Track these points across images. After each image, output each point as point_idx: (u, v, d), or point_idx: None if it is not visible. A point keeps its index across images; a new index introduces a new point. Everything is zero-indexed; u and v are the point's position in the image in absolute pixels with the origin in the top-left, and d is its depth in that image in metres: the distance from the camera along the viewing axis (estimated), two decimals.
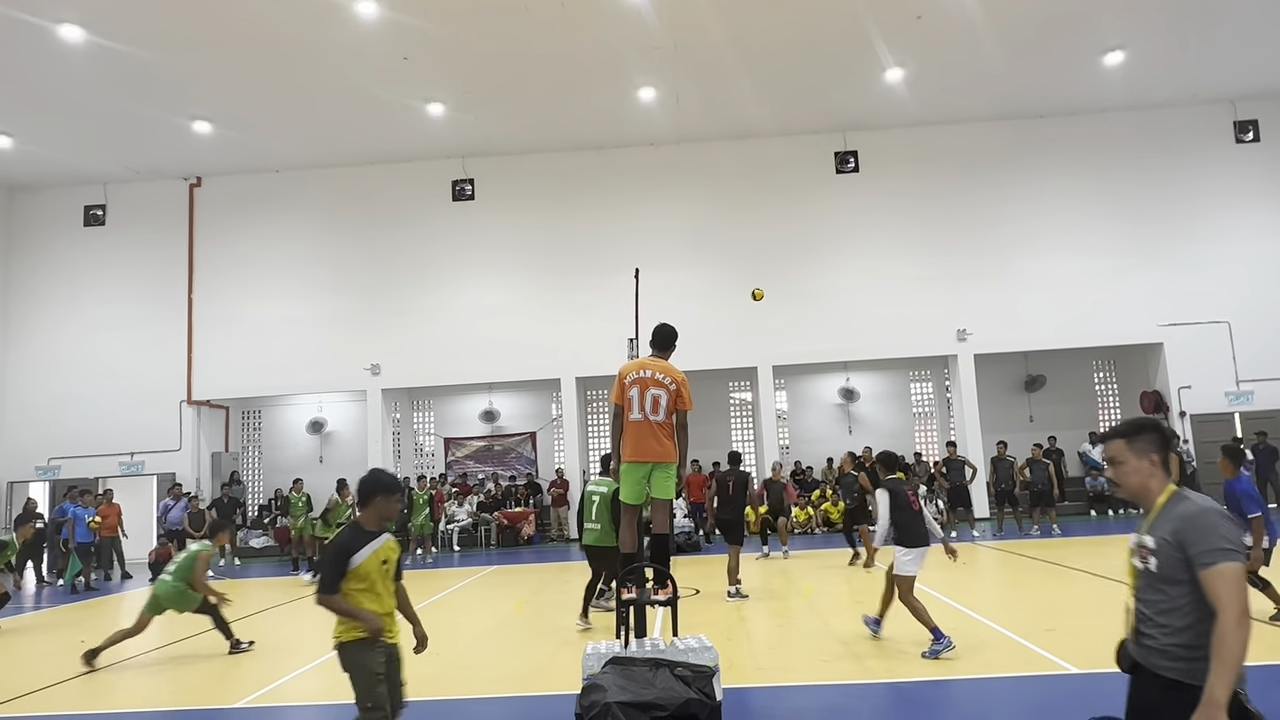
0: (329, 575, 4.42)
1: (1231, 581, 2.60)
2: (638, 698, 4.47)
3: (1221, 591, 2.60)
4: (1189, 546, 2.68)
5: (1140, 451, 2.90)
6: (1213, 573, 2.62)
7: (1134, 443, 2.92)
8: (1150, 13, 16.14)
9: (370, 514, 4.57)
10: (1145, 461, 2.89)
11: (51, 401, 20.90)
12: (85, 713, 7.14)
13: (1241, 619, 2.57)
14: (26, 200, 21.75)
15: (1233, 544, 2.63)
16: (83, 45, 15.01)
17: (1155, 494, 2.87)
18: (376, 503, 4.56)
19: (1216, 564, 2.61)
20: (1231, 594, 2.59)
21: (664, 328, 6.35)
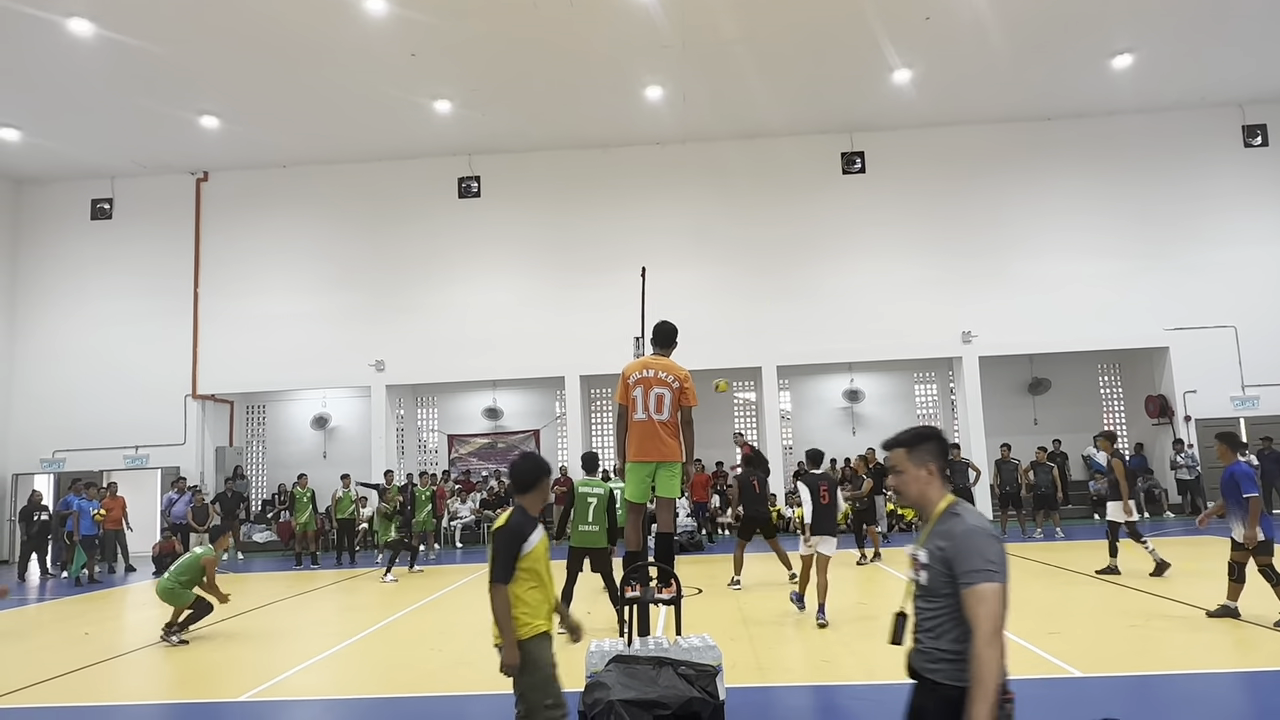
0: (504, 562, 4.16)
1: (986, 602, 2.67)
2: (641, 696, 4.48)
3: (978, 612, 2.67)
4: (954, 565, 2.75)
5: (919, 461, 2.96)
6: (972, 593, 2.69)
7: (914, 452, 2.97)
8: (1159, 16, 16.09)
9: (535, 498, 4.36)
10: (923, 471, 2.94)
11: (57, 394, 20.96)
12: (89, 705, 7.17)
13: (992, 639, 2.65)
14: (34, 193, 21.82)
15: (994, 565, 2.70)
16: (92, 39, 15.04)
17: (933, 503, 2.94)
18: (542, 485, 4.38)
19: (975, 584, 2.68)
20: (985, 614, 2.66)
21: (664, 325, 6.35)
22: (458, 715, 6.55)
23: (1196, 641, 7.57)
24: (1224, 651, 7.25)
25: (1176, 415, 19.59)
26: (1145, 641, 7.54)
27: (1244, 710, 5.97)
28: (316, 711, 6.74)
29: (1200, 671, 6.71)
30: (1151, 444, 20.61)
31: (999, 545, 2.75)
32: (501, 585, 4.13)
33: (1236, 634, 7.72)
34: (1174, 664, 6.90)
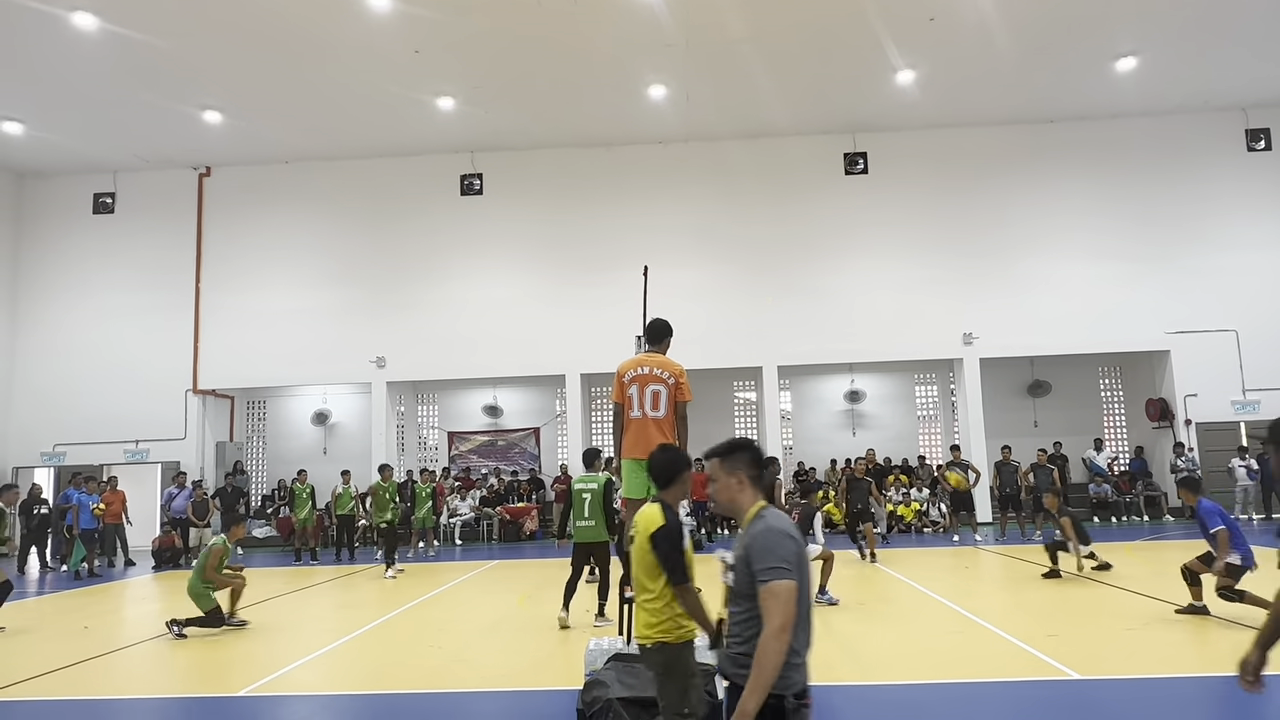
0: (678, 561, 3.99)
1: (777, 596, 2.75)
2: (639, 694, 4.49)
3: (768, 605, 2.76)
4: (752, 564, 2.83)
5: (731, 469, 3.07)
6: (765, 589, 2.77)
7: (726, 461, 3.09)
8: (1163, 19, 16.07)
9: (676, 492, 4.25)
10: (734, 479, 3.06)
11: (58, 388, 20.97)
12: (88, 698, 7.18)
13: (779, 633, 2.71)
14: (37, 187, 21.82)
15: (787, 564, 2.79)
16: (95, 33, 15.04)
17: (744, 509, 3.04)
18: (683, 479, 4.27)
19: (769, 581, 2.77)
20: (775, 608, 2.74)
21: (657, 322, 6.35)
22: (456, 712, 6.55)
23: (1195, 644, 7.57)
24: (1222, 655, 7.25)
25: (1177, 419, 19.58)
26: (1143, 644, 7.54)
27: (1243, 713, 5.97)
28: (315, 707, 6.75)
29: (1198, 675, 6.71)
30: (1152, 447, 20.61)
31: (795, 545, 2.85)
32: (686, 584, 3.98)
33: (1235, 637, 7.72)
34: (1173, 666, 6.90)
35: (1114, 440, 21.71)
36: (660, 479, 4.22)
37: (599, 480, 9.49)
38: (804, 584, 2.84)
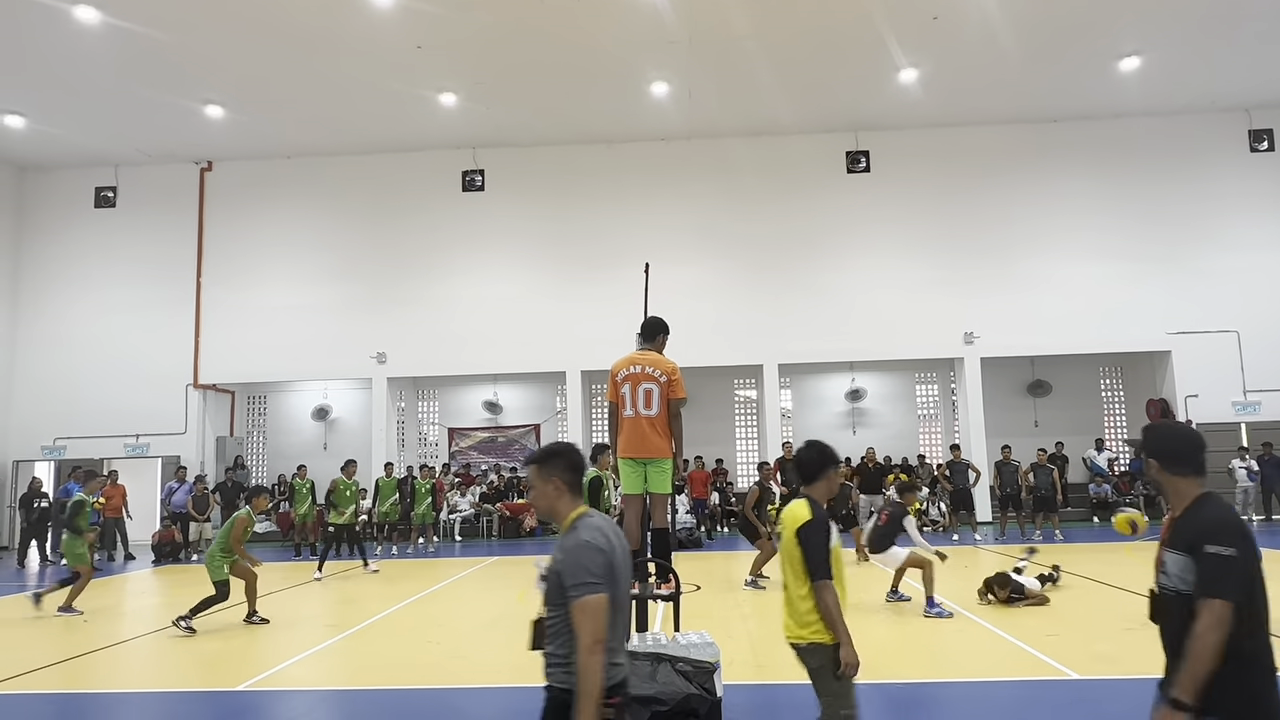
0: (822, 557, 3.86)
1: (586, 614, 2.81)
2: (639, 692, 4.48)
3: (579, 621, 2.82)
4: (563, 579, 2.89)
5: (547, 476, 3.10)
6: (575, 605, 2.83)
7: (543, 468, 3.12)
8: (1167, 19, 16.04)
9: (821, 488, 4.10)
10: (550, 485, 3.09)
11: (59, 381, 20.97)
12: (87, 692, 7.18)
13: (592, 648, 2.78)
14: (38, 180, 21.81)
15: (596, 578, 2.83)
16: (97, 26, 15.02)
17: (562, 515, 3.07)
18: (829, 475, 4.13)
19: (579, 597, 2.82)
20: (585, 624, 2.80)
21: (650, 319, 6.31)
22: (455, 708, 6.55)
23: None
24: None
25: (1178, 419, 19.57)
26: (1143, 644, 7.53)
27: None
28: (314, 702, 6.75)
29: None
30: None
31: (603, 558, 2.88)
32: (827, 581, 3.84)
33: None
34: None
35: (1114, 440, 21.69)
36: (805, 475, 4.14)
37: (589, 475, 9.54)
38: (617, 591, 2.90)
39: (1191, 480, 2.92)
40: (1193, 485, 2.92)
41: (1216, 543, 2.72)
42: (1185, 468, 2.93)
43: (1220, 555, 2.70)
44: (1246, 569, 2.72)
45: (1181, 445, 2.98)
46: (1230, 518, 2.81)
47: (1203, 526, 2.79)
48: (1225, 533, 2.74)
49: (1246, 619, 2.70)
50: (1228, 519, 2.80)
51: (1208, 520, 2.81)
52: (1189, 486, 2.92)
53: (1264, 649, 2.75)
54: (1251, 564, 2.74)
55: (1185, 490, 2.92)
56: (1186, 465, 2.94)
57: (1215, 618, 2.66)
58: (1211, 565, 2.71)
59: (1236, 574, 2.70)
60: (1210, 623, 2.67)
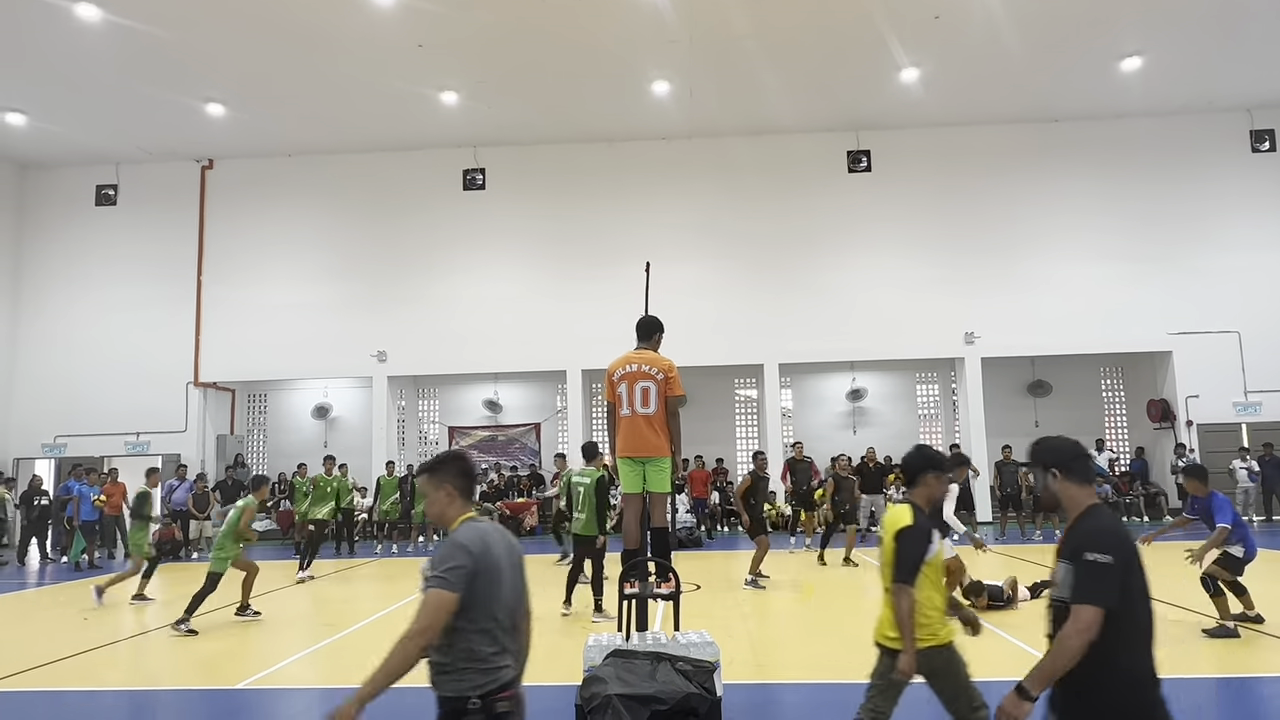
0: (911, 562, 3.86)
1: (426, 603, 2.90)
2: (638, 691, 4.48)
3: (418, 608, 2.92)
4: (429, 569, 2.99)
5: (438, 483, 3.16)
6: (423, 594, 2.93)
7: (433, 476, 3.18)
8: (1169, 19, 16.02)
9: (922, 492, 4.06)
10: (442, 492, 3.16)
11: (60, 379, 20.98)
12: (86, 689, 7.18)
13: (415, 635, 2.88)
14: (39, 178, 21.81)
15: (444, 574, 2.90)
16: (98, 24, 15.01)
17: (451, 520, 3.15)
18: (928, 480, 4.08)
19: (427, 588, 2.91)
20: (420, 613, 2.90)
21: (646, 318, 6.29)
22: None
23: (1192, 647, 7.56)
24: (1220, 657, 7.24)
25: (1178, 420, 19.56)
26: None
27: (1242, 716, 5.96)
28: (313, 700, 6.75)
29: (1196, 677, 6.70)
30: (1152, 448, 20.60)
31: (469, 559, 2.93)
32: (907, 586, 3.84)
33: (1232, 640, 7.71)
34: (1170, 669, 6.88)
35: (1115, 441, 21.68)
36: (906, 478, 4.15)
37: (593, 475, 9.60)
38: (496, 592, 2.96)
39: (1085, 489, 2.99)
40: (1085, 494, 2.99)
41: (1095, 550, 2.75)
42: (1078, 477, 3.00)
43: (1097, 562, 2.73)
44: (1123, 578, 2.73)
45: (1071, 455, 3.04)
46: (1112, 527, 2.85)
47: (1085, 535, 2.84)
48: (1105, 541, 2.77)
49: (1124, 630, 2.71)
50: (1110, 528, 2.83)
51: (1091, 529, 2.86)
52: (1082, 495, 2.98)
53: (1141, 665, 2.75)
54: (1130, 574, 2.75)
55: (1079, 499, 2.98)
56: (1079, 475, 3.00)
57: (1083, 622, 2.69)
58: (1087, 571, 2.74)
59: (1111, 581, 2.71)
60: (1077, 627, 2.70)
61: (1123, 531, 2.83)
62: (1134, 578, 2.76)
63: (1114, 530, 2.82)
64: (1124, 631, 2.72)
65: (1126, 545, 2.78)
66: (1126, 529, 2.86)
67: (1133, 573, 2.76)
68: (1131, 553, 2.77)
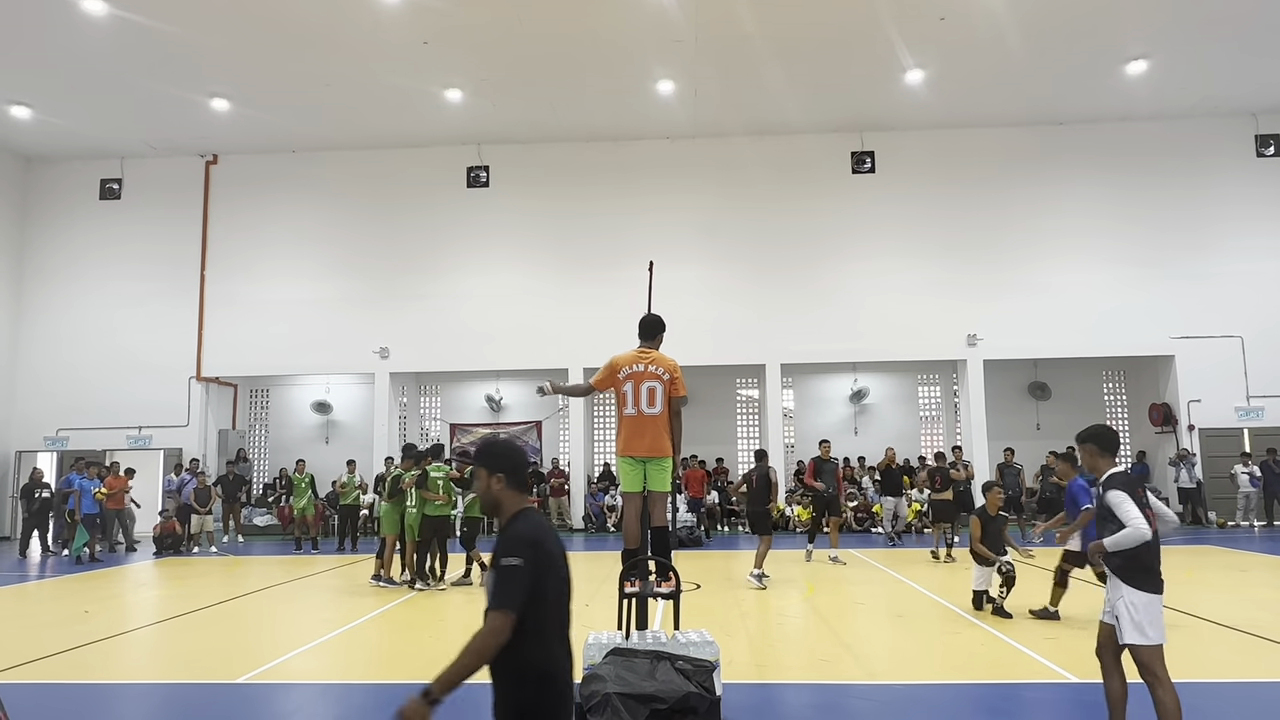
0: None
1: None
2: (637, 690, 4.49)
3: None
4: None
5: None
6: None
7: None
8: (1174, 23, 15.99)
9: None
10: None
11: (62, 373, 21.01)
12: (88, 682, 7.20)
13: None
14: (43, 172, 21.84)
15: None
16: (105, 18, 15.03)
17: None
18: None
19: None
20: None
21: (650, 318, 6.28)
22: (453, 702, 6.55)
23: (1191, 649, 7.56)
24: (1220, 659, 7.24)
25: (1180, 424, 19.54)
26: None
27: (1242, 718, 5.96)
28: (313, 695, 6.76)
29: (1195, 680, 6.69)
30: (1154, 452, 20.57)
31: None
32: None
33: (1233, 641, 7.71)
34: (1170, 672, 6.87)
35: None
36: None
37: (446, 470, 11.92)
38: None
39: (516, 494, 3.00)
40: (517, 500, 2.99)
41: (506, 555, 2.78)
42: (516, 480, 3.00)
43: (507, 566, 2.76)
44: (531, 580, 2.75)
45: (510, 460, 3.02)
46: (523, 531, 2.86)
47: (500, 541, 2.87)
48: (516, 546, 2.79)
49: (531, 632, 2.75)
50: (521, 533, 2.85)
51: (506, 535, 2.89)
52: (516, 500, 2.99)
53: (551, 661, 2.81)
54: (541, 576, 2.78)
55: (510, 504, 2.98)
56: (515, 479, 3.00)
57: (489, 627, 2.73)
58: (496, 577, 2.78)
59: (518, 585, 2.74)
60: (484, 630, 2.74)
61: (534, 535, 2.84)
62: (545, 578, 2.80)
63: (525, 534, 2.84)
64: (530, 633, 2.76)
65: (537, 547, 2.81)
66: (543, 532, 2.88)
67: (543, 573, 2.79)
68: (543, 553, 2.81)
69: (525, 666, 2.77)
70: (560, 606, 2.88)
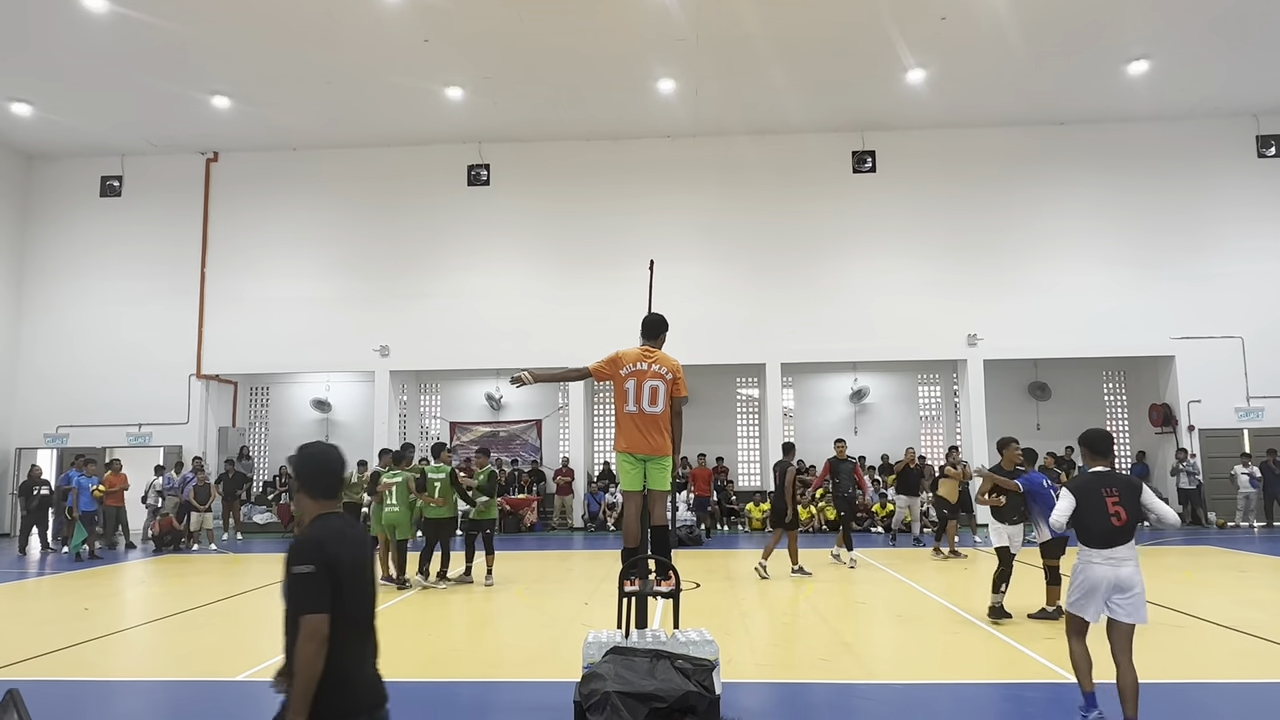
0: None
1: None
2: (637, 688, 4.49)
3: None
4: None
5: None
6: None
7: None
8: (1176, 23, 15.98)
9: None
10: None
11: (62, 370, 21.01)
12: (87, 679, 7.20)
13: None
14: (44, 169, 21.83)
15: None
16: (105, 15, 15.02)
17: None
18: None
19: None
20: None
21: (653, 317, 6.27)
22: (453, 701, 6.56)
23: (1191, 650, 7.56)
24: (1220, 661, 7.24)
25: (1180, 424, 19.54)
26: (1139, 649, 7.52)
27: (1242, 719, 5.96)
28: None
29: (1195, 681, 6.70)
30: (1154, 452, 20.57)
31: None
32: None
33: (1235, 643, 7.71)
34: (1169, 672, 6.89)
35: (1116, 445, 21.63)
36: None
37: (445, 471, 11.95)
38: None
39: (319, 502, 3.10)
40: (317, 506, 3.10)
41: (297, 563, 2.88)
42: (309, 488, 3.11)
43: (299, 574, 2.86)
44: (326, 581, 2.85)
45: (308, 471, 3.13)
46: (307, 538, 2.95)
47: (291, 548, 2.94)
48: (303, 552, 2.89)
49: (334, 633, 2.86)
50: (305, 539, 2.94)
51: (296, 541, 2.97)
52: (314, 507, 3.10)
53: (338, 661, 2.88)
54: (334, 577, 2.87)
55: (310, 510, 3.10)
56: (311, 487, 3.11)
57: (305, 633, 2.82)
58: (292, 584, 2.88)
59: (316, 587, 2.84)
60: (302, 638, 2.82)
61: (318, 539, 2.93)
62: (339, 578, 2.89)
63: (309, 540, 2.93)
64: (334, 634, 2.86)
65: (323, 549, 2.90)
66: (334, 536, 2.96)
67: (337, 574, 2.89)
68: (324, 553, 2.89)
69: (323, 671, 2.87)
70: (351, 607, 2.96)
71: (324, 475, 3.14)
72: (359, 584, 3.00)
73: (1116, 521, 5.11)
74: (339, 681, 2.89)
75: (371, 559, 3.12)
